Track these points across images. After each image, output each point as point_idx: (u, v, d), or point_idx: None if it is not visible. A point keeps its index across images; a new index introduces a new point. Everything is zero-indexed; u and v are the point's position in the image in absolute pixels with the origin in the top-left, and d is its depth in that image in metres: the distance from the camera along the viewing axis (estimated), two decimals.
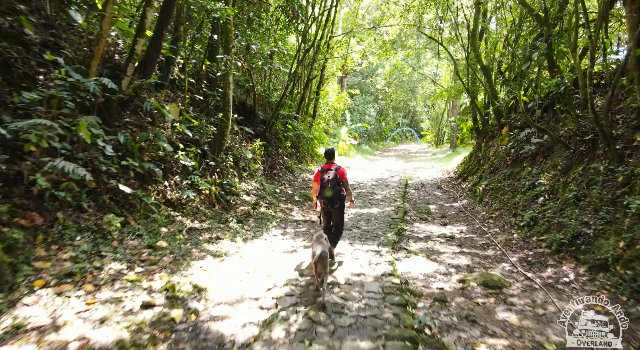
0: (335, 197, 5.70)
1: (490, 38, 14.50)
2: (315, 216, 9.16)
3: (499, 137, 11.25)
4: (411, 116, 50.54)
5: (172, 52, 8.44)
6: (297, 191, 11.12)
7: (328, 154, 5.99)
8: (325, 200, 5.76)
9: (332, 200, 5.73)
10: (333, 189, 5.63)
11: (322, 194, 5.69)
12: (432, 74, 37.78)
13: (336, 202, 5.76)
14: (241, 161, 10.10)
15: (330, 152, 5.98)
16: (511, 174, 9.56)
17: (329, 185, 5.63)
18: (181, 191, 7.09)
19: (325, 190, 5.64)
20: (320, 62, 17.04)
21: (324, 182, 5.67)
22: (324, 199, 5.75)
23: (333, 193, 5.64)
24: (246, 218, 8.00)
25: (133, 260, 4.96)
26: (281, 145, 13.73)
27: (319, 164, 16.81)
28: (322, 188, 5.68)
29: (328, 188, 5.63)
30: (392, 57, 18.16)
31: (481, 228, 8.13)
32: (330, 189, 5.62)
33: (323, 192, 5.67)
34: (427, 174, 17.82)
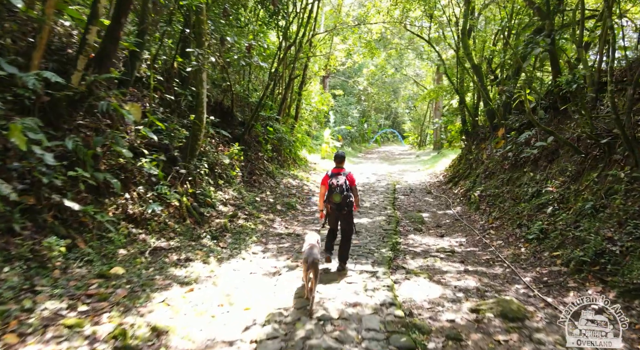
0: (344, 203, 5.55)
1: (479, 36, 13.94)
2: (306, 229, 8.31)
3: (494, 140, 10.62)
4: (393, 117, 50.18)
5: (137, 46, 7.46)
6: (279, 199, 10.24)
7: (338, 158, 5.86)
8: (333, 206, 5.62)
9: (341, 206, 5.57)
10: (341, 195, 5.51)
11: (331, 199, 5.58)
12: (414, 75, 37.41)
13: (344, 208, 5.60)
14: (217, 167, 9.16)
15: (341, 157, 5.88)
16: (510, 180, 8.90)
17: (338, 190, 5.52)
18: (145, 204, 6.12)
19: (334, 195, 5.53)
20: (302, 61, 16.20)
21: (332, 187, 5.55)
22: (332, 204, 5.61)
23: (341, 199, 5.51)
24: (222, 233, 7.08)
25: (77, 295, 4.00)
26: (261, 149, 12.82)
27: (302, 168, 15.97)
28: (330, 193, 5.57)
29: (337, 193, 5.51)
30: (376, 56, 17.45)
31: (482, 240, 7.42)
32: (338, 194, 5.51)
33: (331, 197, 5.56)
34: (414, 177, 17.17)
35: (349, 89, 35.23)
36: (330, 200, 5.60)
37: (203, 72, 7.54)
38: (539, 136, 8.13)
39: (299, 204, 10.52)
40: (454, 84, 14.69)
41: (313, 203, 10.97)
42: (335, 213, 5.69)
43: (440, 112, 32.80)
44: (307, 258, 4.52)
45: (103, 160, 5.74)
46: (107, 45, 5.88)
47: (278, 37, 13.48)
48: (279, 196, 10.58)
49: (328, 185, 5.62)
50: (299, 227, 8.44)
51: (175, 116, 8.78)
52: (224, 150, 9.99)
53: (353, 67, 34.58)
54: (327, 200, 5.65)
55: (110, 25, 5.91)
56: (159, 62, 8.91)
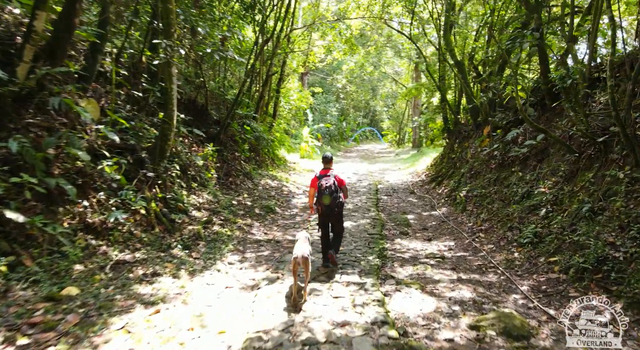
0: (334, 204, 5.58)
1: (460, 32, 13.70)
2: (280, 233, 7.81)
3: (479, 138, 10.35)
4: (371, 116, 50.07)
5: (98, 37, 6.80)
6: (258, 202, 9.68)
7: (325, 160, 5.91)
8: (323, 207, 5.61)
9: (331, 208, 5.59)
10: (331, 196, 5.53)
11: (321, 201, 5.57)
12: (393, 73, 37.29)
13: (335, 209, 5.62)
14: (191, 169, 8.54)
15: (328, 158, 5.93)
16: (497, 180, 8.62)
17: (327, 192, 5.52)
18: (107, 212, 5.49)
19: (324, 197, 5.53)
20: (280, 57, 15.64)
21: (322, 188, 5.55)
22: (322, 206, 5.60)
23: (331, 200, 5.53)
24: (195, 241, 6.49)
25: (17, 325, 3.40)
26: (238, 149, 12.22)
27: (281, 168, 15.43)
28: (320, 195, 5.58)
29: (326, 195, 5.52)
30: (356, 53, 17.02)
31: (472, 244, 7.07)
32: (328, 196, 5.52)
33: (321, 199, 5.55)
34: (396, 176, 16.87)
35: (328, 86, 34.81)
36: (320, 202, 5.59)
37: (172, 66, 6.92)
38: (527, 134, 7.85)
39: (278, 206, 9.99)
40: (436, 81, 14.42)
41: (293, 205, 10.46)
42: (326, 214, 5.67)
43: (419, 110, 32.75)
44: (297, 254, 4.57)
45: (57, 163, 5.09)
46: (60, 34, 5.22)
47: (254, 32, 12.88)
48: (257, 199, 10.02)
49: (317, 187, 5.64)
50: (279, 233, 7.93)
51: (143, 114, 8.12)
52: (197, 151, 9.37)
53: (332, 64, 34.20)
54: (317, 203, 5.66)
55: (63, 11, 5.26)
56: (124, 56, 8.22)
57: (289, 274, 5.43)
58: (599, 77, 6.88)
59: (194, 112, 10.99)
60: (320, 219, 5.81)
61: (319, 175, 5.73)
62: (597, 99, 6.63)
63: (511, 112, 9.17)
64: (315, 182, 5.72)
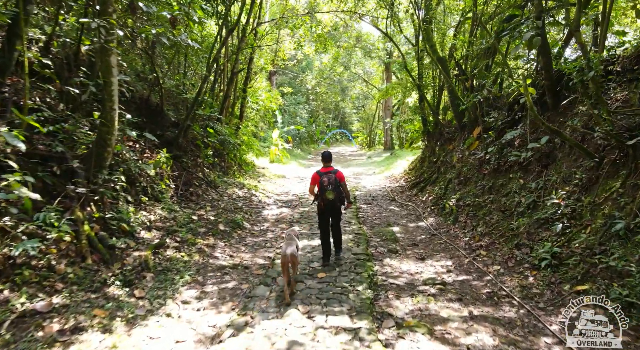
0: (337, 199, 5.79)
1: (439, 28, 12.88)
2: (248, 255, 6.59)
3: (466, 141, 9.48)
4: (341, 118, 49.33)
5: (13, 20, 5.42)
6: (222, 216, 8.39)
7: (325, 158, 6.07)
8: (326, 202, 5.77)
9: (334, 202, 5.79)
10: (334, 191, 5.71)
11: (324, 196, 5.74)
12: (363, 73, 36.62)
13: (336, 203, 5.83)
14: (142, 180, 7.18)
15: (328, 156, 6.09)
16: (492, 187, 7.72)
17: (330, 188, 5.70)
18: (15, 243, 4.12)
19: (327, 192, 5.71)
20: (246, 53, 14.36)
21: (324, 185, 5.73)
22: (325, 202, 5.78)
23: (335, 195, 5.72)
24: (140, 273, 5.17)
25: None
26: (200, 155, 10.86)
27: (249, 174, 14.17)
28: (322, 191, 5.76)
29: (329, 191, 5.70)
30: (328, 50, 15.93)
31: (473, 263, 6.11)
32: (332, 191, 5.70)
33: (324, 194, 5.73)
34: (372, 181, 15.91)
35: (297, 87, 33.67)
36: (323, 197, 5.75)
37: (111, 54, 5.57)
38: (527, 137, 6.98)
39: (246, 220, 8.74)
40: (415, 80, 13.53)
41: (264, 218, 9.23)
42: (328, 209, 5.84)
43: (391, 112, 32.17)
44: (284, 253, 4.82)
45: None
46: None
47: (217, 24, 11.56)
48: (221, 212, 8.72)
49: (319, 184, 5.80)
50: (248, 254, 6.70)
51: (80, 114, 6.69)
52: (151, 158, 7.99)
53: (301, 64, 33.13)
54: (320, 198, 5.81)
55: None
56: (54, 44, 6.78)
57: (261, 314, 4.31)
58: (611, 71, 6.07)
59: (148, 113, 9.58)
60: (321, 217, 5.96)
61: (320, 172, 5.87)
62: (612, 96, 5.81)
63: (508, 112, 8.32)
64: (317, 179, 5.85)
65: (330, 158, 6.08)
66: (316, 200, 5.96)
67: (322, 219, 5.96)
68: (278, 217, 9.42)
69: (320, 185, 5.76)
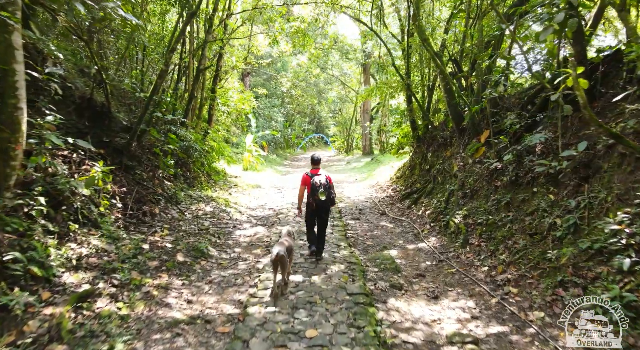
0: (328, 200, 6.00)
1: (429, 23, 11.68)
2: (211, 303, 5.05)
3: (471, 146, 8.21)
4: (317, 121, 48.00)
5: None
6: (183, 241, 6.79)
7: (315, 160, 6.29)
8: (318, 203, 5.97)
9: (325, 203, 5.99)
10: (326, 192, 5.93)
11: (316, 196, 5.94)
12: (341, 75, 35.44)
13: (327, 204, 6.05)
14: (74, 201, 5.52)
15: (317, 159, 6.29)
16: (510, 204, 6.44)
17: (322, 189, 5.92)
18: None
19: (319, 193, 5.91)
20: (215, 48, 12.75)
21: (316, 186, 5.94)
22: (317, 202, 5.98)
23: (326, 196, 5.93)
24: (46, 347, 3.55)
25: None
26: (160, 164, 9.21)
27: (219, 185, 12.55)
28: (314, 191, 5.96)
29: (322, 191, 5.92)
30: (307, 48, 14.49)
31: (504, 305, 4.76)
32: (324, 192, 5.91)
33: (317, 195, 5.92)
34: (356, 191, 14.54)
35: (272, 89, 32.11)
36: (315, 198, 5.97)
37: (13, 30, 3.96)
38: (560, 141, 5.71)
39: (213, 245, 7.16)
40: (403, 78, 12.26)
41: (235, 242, 7.67)
42: (318, 209, 6.07)
43: (370, 115, 31.06)
44: (272, 256, 4.82)
45: None
46: None
47: (177, 10, 9.92)
48: (182, 236, 7.11)
49: (310, 185, 6.01)
50: (213, 297, 5.14)
51: None
52: (87, 173, 6.31)
53: (276, 65, 31.63)
54: (311, 198, 6.02)
55: None
56: None
57: None
58: None
59: (92, 115, 7.90)
60: (310, 215, 6.23)
61: (311, 174, 6.12)
62: None
63: (523, 113, 7.06)
64: (307, 180, 6.11)
65: (319, 161, 6.31)
66: (300, 211, 6.45)
67: (310, 218, 6.27)
68: (252, 239, 7.88)
69: (311, 186, 5.99)
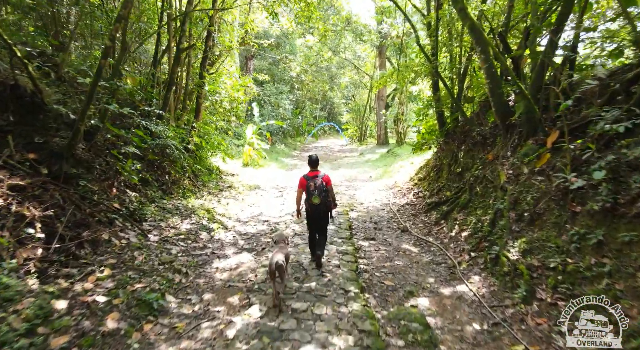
0: (323, 204, 5.78)
1: None
2: None
3: (529, 151, 6.03)
4: (329, 108, 45.60)
5: None
6: (127, 288, 4.81)
7: (312, 162, 6.04)
8: (313, 207, 5.81)
9: (319, 207, 5.79)
10: (320, 196, 5.73)
11: (310, 201, 5.78)
12: (354, 58, 33.00)
13: (323, 208, 5.82)
14: None
15: (315, 161, 6.04)
16: (604, 244, 4.29)
17: (316, 192, 5.74)
18: None
19: (313, 197, 5.74)
20: (201, 21, 10.63)
21: (311, 189, 5.76)
22: (311, 206, 5.80)
23: (320, 200, 5.74)
24: None
25: None
26: (120, 170, 7.24)
27: (209, 187, 10.59)
28: (309, 195, 5.78)
29: (316, 195, 5.73)
30: (314, 23, 12.23)
31: None
32: (317, 196, 5.73)
33: (311, 199, 5.76)
34: (370, 193, 12.45)
35: (280, 74, 29.89)
36: (309, 202, 5.79)
37: None
38: None
39: (174, 290, 5.19)
40: (430, 60, 9.98)
41: (208, 282, 5.67)
42: (314, 213, 5.84)
43: (385, 102, 28.71)
44: (270, 262, 4.71)
45: None
46: None
47: None
48: (131, 276, 5.14)
49: (306, 188, 5.81)
50: None
51: None
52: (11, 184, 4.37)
53: (284, 48, 29.31)
54: (306, 203, 5.86)
55: None
56: None
57: None
58: None
59: (20, 107, 5.96)
60: (308, 220, 6.02)
61: (307, 176, 5.88)
62: None
63: (617, 107, 4.84)
64: (304, 184, 5.86)
65: (317, 162, 6.04)
66: (300, 214, 6.07)
67: (309, 225, 6.08)
68: (232, 275, 5.89)
69: (307, 190, 5.80)
